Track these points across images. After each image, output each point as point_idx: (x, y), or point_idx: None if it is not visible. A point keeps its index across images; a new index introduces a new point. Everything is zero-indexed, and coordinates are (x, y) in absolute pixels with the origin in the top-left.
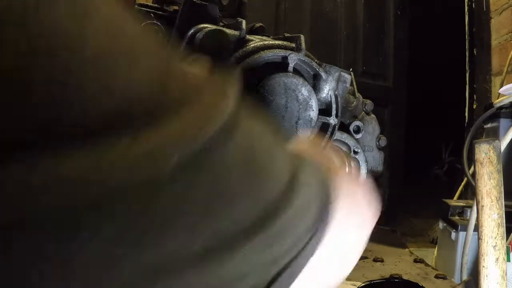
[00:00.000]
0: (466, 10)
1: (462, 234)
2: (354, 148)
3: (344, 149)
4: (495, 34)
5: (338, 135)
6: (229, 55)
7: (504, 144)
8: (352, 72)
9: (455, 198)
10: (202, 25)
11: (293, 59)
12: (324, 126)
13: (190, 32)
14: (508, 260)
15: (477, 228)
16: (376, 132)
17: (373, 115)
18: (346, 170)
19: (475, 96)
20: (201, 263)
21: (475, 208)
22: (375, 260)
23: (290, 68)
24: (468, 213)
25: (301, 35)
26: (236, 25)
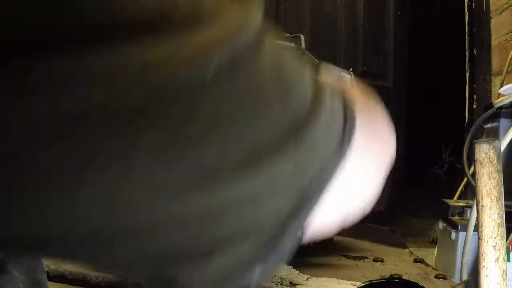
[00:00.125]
0: (466, 10)
1: (462, 234)
2: None
3: None
4: (495, 34)
5: None
6: None
7: (504, 144)
8: (352, 72)
9: (455, 198)
10: None
11: None
12: None
13: None
14: (508, 260)
15: (477, 228)
16: None
17: None
18: (365, 98)
19: (475, 96)
20: (241, 170)
21: (475, 208)
22: (375, 260)
23: None
24: (468, 213)
25: (301, 35)
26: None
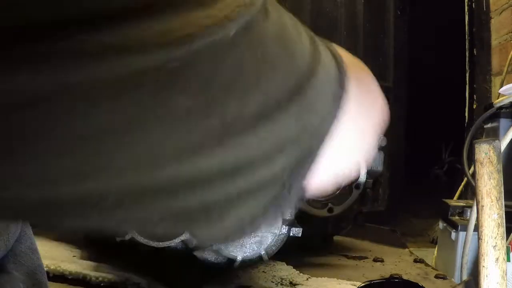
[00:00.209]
0: (466, 10)
1: (462, 234)
2: None
3: None
4: (495, 34)
5: None
6: None
7: (504, 144)
8: None
9: (455, 198)
10: None
11: None
12: None
13: None
14: (508, 260)
15: (477, 228)
16: None
17: None
18: (353, 61)
19: (475, 96)
20: (256, 124)
21: (475, 208)
22: (375, 260)
23: None
24: (468, 213)
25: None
26: None
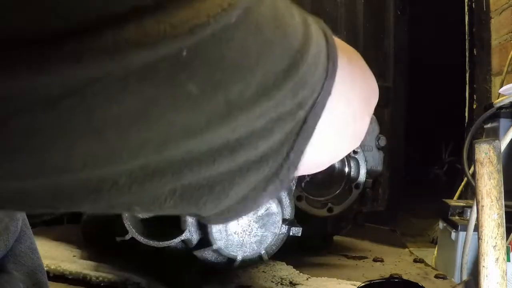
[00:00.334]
0: (466, 10)
1: (462, 234)
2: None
3: None
4: (495, 34)
5: None
6: None
7: (504, 144)
8: None
9: (455, 198)
10: None
11: None
12: None
13: None
14: (508, 260)
15: (477, 228)
16: (375, 132)
17: (372, 115)
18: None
19: (475, 96)
20: (256, 101)
21: (475, 208)
22: (375, 260)
23: None
24: (468, 213)
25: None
26: None
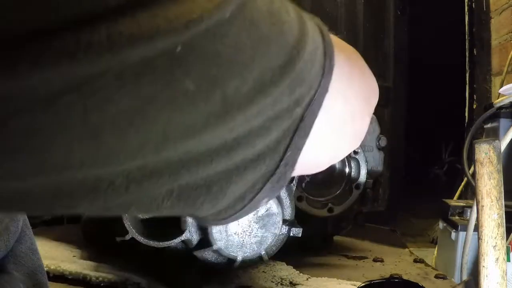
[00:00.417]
0: (466, 10)
1: (462, 234)
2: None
3: None
4: (495, 34)
5: None
6: None
7: (504, 144)
8: None
9: (455, 198)
10: None
11: None
12: None
13: None
14: (508, 260)
15: (477, 228)
16: (376, 132)
17: (373, 115)
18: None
19: (475, 96)
20: (253, 99)
21: (475, 208)
22: (375, 260)
23: None
24: (468, 213)
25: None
26: None
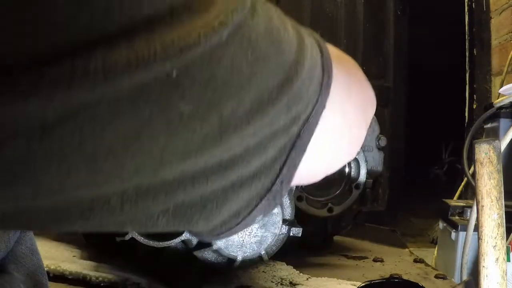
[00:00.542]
0: (466, 10)
1: (462, 234)
2: None
3: None
4: (495, 34)
5: None
6: None
7: (504, 144)
8: None
9: (455, 198)
10: None
11: None
12: None
13: None
14: (508, 260)
15: (477, 228)
16: (375, 132)
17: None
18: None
19: (475, 96)
20: (251, 119)
21: (475, 208)
22: (375, 260)
23: None
24: (468, 213)
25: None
26: None
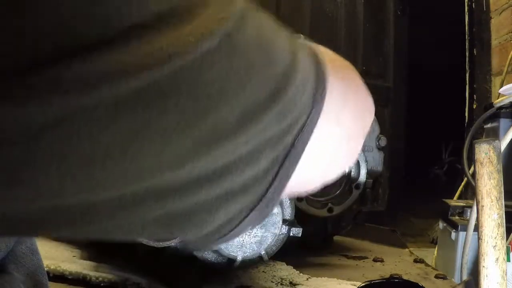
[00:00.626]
0: (466, 10)
1: (462, 234)
2: None
3: None
4: (495, 34)
5: None
6: None
7: (504, 144)
8: None
9: (455, 198)
10: None
11: None
12: None
13: None
14: (508, 260)
15: (477, 228)
16: (375, 132)
17: None
18: (337, 60)
19: (475, 96)
20: (242, 127)
21: (475, 208)
22: (375, 260)
23: None
24: (468, 213)
25: (301, 35)
26: None
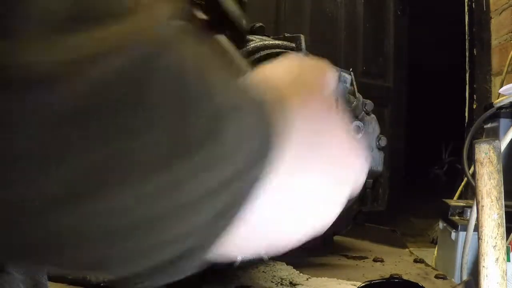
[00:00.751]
0: (466, 10)
1: (462, 234)
2: None
3: None
4: (495, 34)
5: None
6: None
7: (504, 144)
8: (352, 72)
9: (455, 198)
10: None
11: None
12: None
13: None
14: (508, 260)
15: (477, 228)
16: (376, 132)
17: (373, 115)
18: (326, 102)
19: (475, 96)
20: (170, 163)
21: (475, 208)
22: (375, 260)
23: None
24: (468, 213)
25: (301, 35)
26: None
